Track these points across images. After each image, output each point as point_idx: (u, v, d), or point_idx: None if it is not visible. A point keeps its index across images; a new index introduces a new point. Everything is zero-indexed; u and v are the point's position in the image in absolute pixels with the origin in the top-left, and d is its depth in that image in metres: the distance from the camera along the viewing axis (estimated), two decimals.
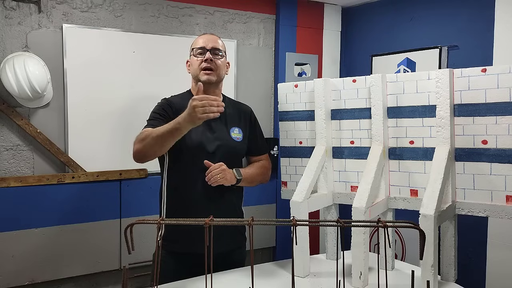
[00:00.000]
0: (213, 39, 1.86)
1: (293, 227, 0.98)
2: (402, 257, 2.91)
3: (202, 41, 1.85)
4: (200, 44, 1.84)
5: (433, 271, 1.42)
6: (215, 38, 1.88)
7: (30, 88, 2.26)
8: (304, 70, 3.30)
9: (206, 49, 1.82)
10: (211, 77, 1.81)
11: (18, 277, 2.41)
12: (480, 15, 2.54)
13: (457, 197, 1.63)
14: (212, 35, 1.90)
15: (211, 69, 1.81)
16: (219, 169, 1.74)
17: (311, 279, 1.65)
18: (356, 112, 1.82)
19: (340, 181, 1.88)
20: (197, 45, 1.85)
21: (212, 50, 1.83)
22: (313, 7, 3.28)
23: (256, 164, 1.97)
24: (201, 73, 1.81)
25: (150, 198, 2.62)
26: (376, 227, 1.02)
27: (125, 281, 0.98)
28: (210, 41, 1.84)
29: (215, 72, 1.82)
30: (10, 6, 2.37)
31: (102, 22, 2.61)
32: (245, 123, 1.94)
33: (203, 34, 1.92)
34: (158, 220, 1.01)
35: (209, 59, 1.80)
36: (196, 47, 1.85)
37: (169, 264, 1.77)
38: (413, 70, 2.87)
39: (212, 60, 1.81)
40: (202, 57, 1.82)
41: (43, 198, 2.44)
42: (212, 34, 1.92)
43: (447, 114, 1.58)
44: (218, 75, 1.84)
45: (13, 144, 2.42)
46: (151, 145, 1.65)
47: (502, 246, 2.37)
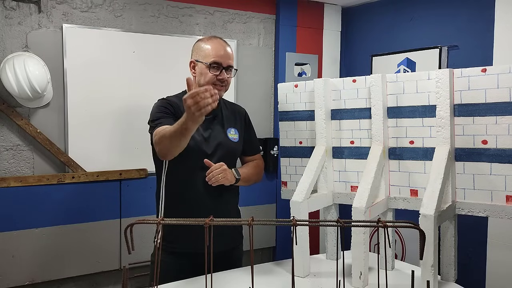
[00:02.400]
0: (228, 55, 1.80)
1: (293, 227, 0.98)
2: (402, 257, 2.91)
3: (217, 55, 1.77)
4: (216, 58, 1.77)
5: (433, 271, 1.42)
6: (228, 51, 1.82)
7: (30, 88, 2.26)
8: (304, 70, 3.30)
9: (222, 66, 1.78)
10: (221, 93, 1.83)
11: (18, 277, 2.41)
12: (480, 15, 2.54)
13: (457, 197, 1.63)
14: (225, 45, 1.83)
15: (223, 86, 1.81)
16: (220, 169, 1.74)
17: (311, 279, 1.65)
18: (356, 112, 1.82)
19: (340, 181, 1.88)
20: (211, 57, 1.77)
21: (227, 68, 1.81)
22: (313, 7, 3.28)
23: (251, 164, 1.98)
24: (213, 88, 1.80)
25: (150, 198, 2.60)
26: (376, 227, 1.02)
27: (125, 281, 0.98)
28: (225, 57, 1.78)
29: (225, 88, 1.83)
30: (10, 6, 2.37)
31: (102, 22, 2.61)
32: (241, 124, 1.96)
33: (215, 40, 1.83)
34: (158, 220, 1.01)
35: (224, 79, 1.79)
36: (210, 60, 1.77)
37: (168, 264, 1.77)
38: (413, 70, 2.87)
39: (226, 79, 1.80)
40: (216, 72, 1.77)
41: (43, 198, 2.44)
42: (223, 41, 1.85)
43: (447, 114, 1.58)
44: (226, 90, 1.86)
45: (13, 144, 2.42)
46: (170, 146, 1.61)
47: (502, 246, 2.37)
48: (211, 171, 1.73)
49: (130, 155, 2.69)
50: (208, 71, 1.78)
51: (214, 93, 1.46)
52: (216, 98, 1.47)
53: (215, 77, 1.78)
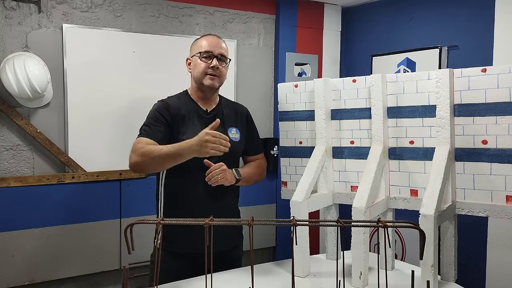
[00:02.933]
0: (220, 44, 1.83)
1: (293, 227, 0.98)
2: (402, 257, 2.91)
3: (209, 45, 1.81)
4: (207, 47, 1.80)
5: (433, 271, 1.42)
6: (221, 42, 1.85)
7: (30, 88, 2.26)
8: (304, 70, 3.30)
9: (213, 55, 1.80)
10: (215, 83, 1.82)
11: (18, 277, 2.41)
12: (480, 15, 2.54)
13: (457, 197, 1.63)
14: (218, 38, 1.87)
15: (215, 75, 1.81)
16: (220, 169, 1.74)
17: (311, 279, 1.65)
18: (356, 112, 1.82)
19: (340, 181, 1.88)
20: (203, 47, 1.81)
21: (219, 57, 1.81)
22: (313, 7, 3.28)
23: (253, 164, 1.98)
24: (206, 78, 1.80)
25: (150, 198, 2.60)
26: (376, 227, 1.02)
27: (125, 281, 0.98)
28: (217, 46, 1.81)
29: (219, 78, 1.82)
30: (10, 6, 2.37)
31: (102, 22, 2.61)
32: (242, 123, 1.95)
33: (208, 36, 1.87)
34: (158, 220, 1.01)
35: (216, 67, 1.80)
36: (202, 50, 1.81)
37: (168, 264, 1.77)
38: (413, 70, 2.87)
39: (218, 67, 1.80)
40: (208, 62, 1.79)
41: (43, 198, 2.44)
42: (217, 36, 1.88)
43: (447, 114, 1.58)
44: (220, 82, 1.85)
45: (13, 144, 2.42)
46: (150, 164, 1.64)
47: (502, 246, 2.37)
48: (210, 172, 1.73)
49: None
50: (200, 61, 1.80)
51: (228, 145, 1.60)
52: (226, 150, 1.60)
53: (207, 66, 1.79)
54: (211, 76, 1.80)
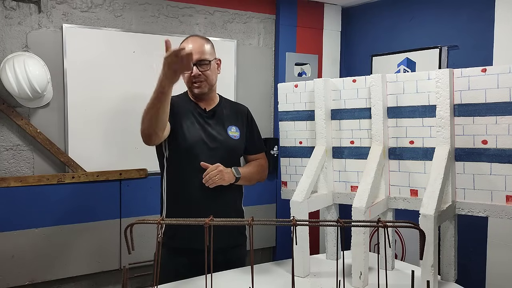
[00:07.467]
0: (196, 50, 1.76)
1: (293, 227, 0.98)
2: (402, 257, 2.91)
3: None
4: None
5: (433, 271, 1.42)
6: (199, 46, 1.79)
7: (30, 88, 2.26)
8: (304, 70, 3.30)
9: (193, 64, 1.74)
10: (202, 89, 1.82)
11: (18, 277, 2.41)
12: (480, 15, 2.54)
13: (457, 197, 1.63)
14: (194, 41, 1.81)
15: (200, 81, 1.80)
16: (216, 171, 1.74)
17: (311, 279, 1.65)
18: (356, 112, 1.82)
19: (340, 181, 1.88)
20: None
21: (198, 63, 1.78)
22: (313, 7, 3.28)
23: (253, 163, 1.98)
24: (192, 87, 1.82)
25: (150, 198, 2.62)
26: (376, 227, 1.02)
27: (125, 281, 0.98)
28: (195, 52, 1.72)
29: (205, 82, 1.82)
30: (10, 6, 2.37)
31: (102, 22, 2.61)
32: (242, 122, 1.95)
33: (184, 41, 1.83)
34: (158, 220, 1.02)
35: (197, 75, 1.79)
36: None
37: (169, 263, 1.77)
38: (413, 70, 2.87)
39: (200, 74, 1.79)
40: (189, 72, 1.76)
41: (43, 198, 2.44)
42: (196, 37, 1.84)
43: (447, 114, 1.58)
44: (209, 84, 1.84)
45: (13, 144, 2.42)
46: (149, 120, 1.62)
47: (502, 246, 2.37)
48: (207, 173, 1.74)
49: (130, 155, 2.69)
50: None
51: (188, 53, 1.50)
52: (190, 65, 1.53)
53: (189, 76, 1.79)
54: (196, 84, 1.81)
